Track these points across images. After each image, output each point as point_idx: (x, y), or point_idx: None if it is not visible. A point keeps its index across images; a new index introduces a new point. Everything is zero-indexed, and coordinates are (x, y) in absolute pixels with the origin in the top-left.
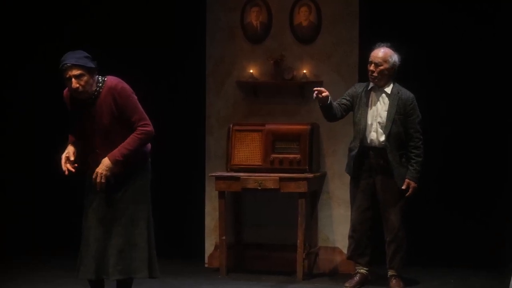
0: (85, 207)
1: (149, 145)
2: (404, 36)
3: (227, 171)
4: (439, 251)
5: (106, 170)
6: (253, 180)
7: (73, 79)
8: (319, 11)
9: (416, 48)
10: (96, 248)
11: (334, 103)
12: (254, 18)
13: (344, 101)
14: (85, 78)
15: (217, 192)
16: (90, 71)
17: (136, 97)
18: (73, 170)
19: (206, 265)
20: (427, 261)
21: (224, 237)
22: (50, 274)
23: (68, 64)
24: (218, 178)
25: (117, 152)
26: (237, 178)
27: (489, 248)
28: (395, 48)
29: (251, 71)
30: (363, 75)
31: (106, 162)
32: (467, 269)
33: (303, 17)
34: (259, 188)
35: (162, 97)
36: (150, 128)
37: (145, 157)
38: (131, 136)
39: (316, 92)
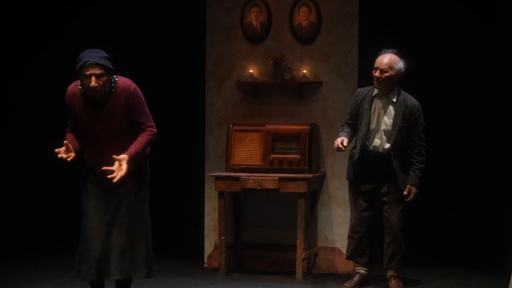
0: (85, 207)
1: (148, 149)
2: (404, 36)
3: (227, 171)
4: (439, 251)
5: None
6: (252, 180)
7: (93, 77)
8: (319, 11)
9: (416, 49)
10: (98, 248)
11: (347, 131)
12: (254, 18)
13: (350, 116)
14: (104, 78)
15: (216, 192)
16: (109, 73)
17: (144, 100)
18: (64, 155)
19: (205, 265)
20: (427, 261)
21: (223, 237)
22: (50, 274)
23: (91, 62)
24: (217, 178)
25: (133, 150)
26: (236, 178)
27: (489, 249)
28: (393, 48)
29: (250, 71)
30: (363, 76)
31: (126, 159)
32: (467, 269)
33: (303, 17)
34: (259, 188)
35: (161, 97)
36: (156, 130)
37: (146, 158)
38: (141, 135)
39: (337, 148)
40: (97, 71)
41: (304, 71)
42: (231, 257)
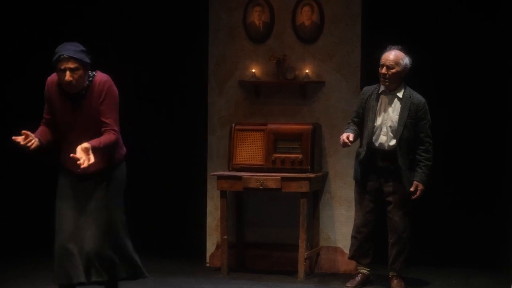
0: (58, 209)
1: (124, 148)
2: (406, 36)
3: (229, 171)
4: (441, 251)
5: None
6: (255, 179)
7: (67, 72)
8: (322, 11)
9: (417, 49)
10: (73, 251)
11: (353, 128)
12: (257, 17)
13: (356, 114)
14: (79, 72)
15: (218, 191)
16: (85, 66)
17: (118, 102)
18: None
19: (207, 265)
20: (429, 261)
21: (225, 237)
22: (50, 274)
23: (65, 56)
24: (220, 177)
25: (95, 142)
26: (239, 178)
27: (491, 248)
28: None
29: (253, 70)
30: (365, 75)
31: (89, 147)
32: (468, 269)
33: (305, 17)
34: (261, 187)
35: (163, 97)
36: (117, 136)
37: (121, 160)
38: (106, 135)
39: (343, 143)
40: (72, 65)
41: (307, 71)
42: (233, 257)
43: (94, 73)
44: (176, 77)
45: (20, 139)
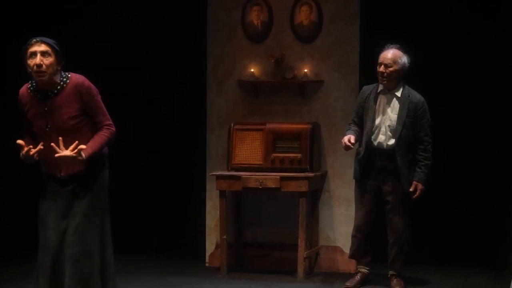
0: (41, 215)
1: (106, 149)
2: (405, 36)
3: (228, 170)
4: (441, 250)
5: (82, 162)
6: (254, 179)
7: (38, 55)
8: (320, 10)
9: (417, 48)
10: (53, 259)
11: (354, 129)
12: (255, 17)
13: (356, 114)
14: (50, 59)
15: (218, 191)
16: (57, 55)
17: (100, 98)
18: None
19: (207, 264)
20: (428, 260)
21: (224, 236)
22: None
23: (37, 40)
24: (219, 177)
25: (89, 150)
26: (238, 177)
27: (490, 247)
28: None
29: (251, 70)
30: (364, 74)
31: (83, 158)
32: (468, 268)
33: (304, 16)
34: (260, 187)
35: (162, 97)
36: (114, 129)
37: (105, 162)
38: (98, 134)
39: (345, 146)
40: (43, 47)
41: (305, 70)
42: (233, 256)
43: (68, 74)
44: (175, 77)
45: (26, 148)
